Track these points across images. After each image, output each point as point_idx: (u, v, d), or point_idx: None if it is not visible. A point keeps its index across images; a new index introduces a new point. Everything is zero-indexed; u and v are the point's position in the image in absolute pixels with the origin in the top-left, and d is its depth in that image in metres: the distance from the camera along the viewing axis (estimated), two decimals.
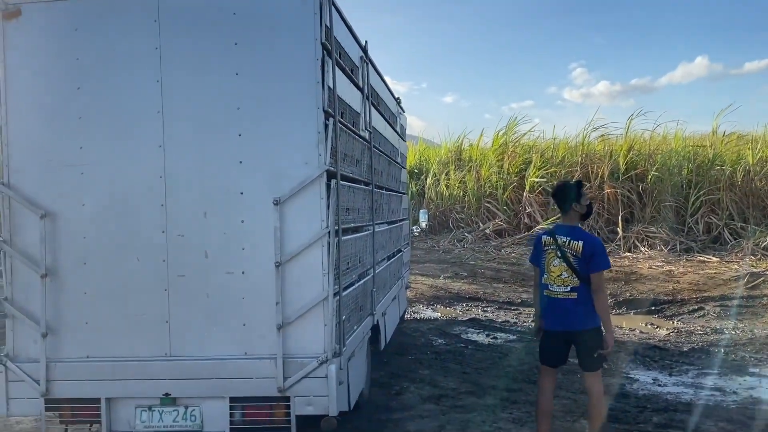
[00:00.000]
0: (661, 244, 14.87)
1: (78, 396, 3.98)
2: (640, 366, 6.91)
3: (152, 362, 3.96)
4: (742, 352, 7.29)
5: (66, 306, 4.00)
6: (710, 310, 9.48)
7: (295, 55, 3.87)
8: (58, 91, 4.01)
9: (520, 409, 5.50)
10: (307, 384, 3.85)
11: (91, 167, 3.99)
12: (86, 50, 3.99)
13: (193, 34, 3.94)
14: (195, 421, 3.95)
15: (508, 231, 17.48)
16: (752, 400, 5.69)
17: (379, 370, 6.74)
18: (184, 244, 3.96)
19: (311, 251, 3.88)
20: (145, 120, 3.97)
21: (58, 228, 3.99)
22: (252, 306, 3.92)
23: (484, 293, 11.35)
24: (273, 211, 3.85)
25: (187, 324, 3.96)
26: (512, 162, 18.75)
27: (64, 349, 4.00)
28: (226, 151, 3.94)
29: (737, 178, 15.79)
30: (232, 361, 3.92)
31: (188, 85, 3.95)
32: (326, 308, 3.86)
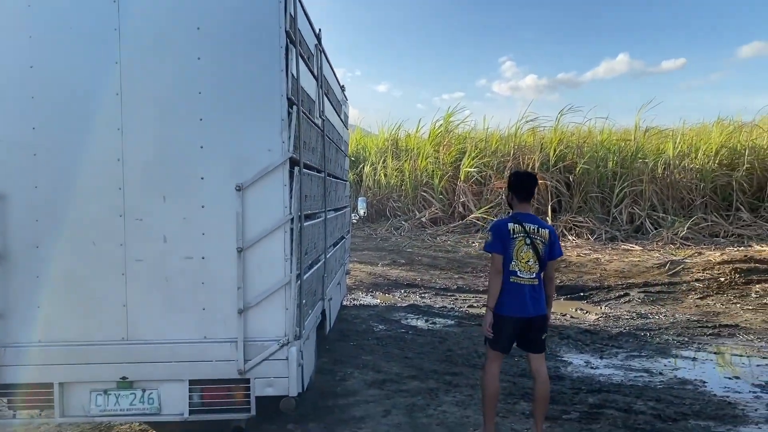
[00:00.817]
0: (588, 233, 15.49)
1: (29, 381, 3.90)
2: (573, 349, 7.20)
3: (109, 346, 3.91)
4: (666, 336, 7.71)
5: (16, 290, 3.91)
6: (635, 296, 9.95)
7: (260, 41, 3.85)
8: (9, 69, 3.87)
9: (462, 392, 5.63)
10: (267, 366, 3.91)
11: (45, 149, 3.88)
12: (40, 28, 3.86)
13: (154, 16, 3.86)
14: (153, 404, 3.95)
15: (443, 219, 17.77)
16: (677, 380, 6.04)
17: (322, 356, 6.74)
18: (142, 229, 3.91)
19: (274, 237, 3.90)
20: (103, 102, 3.86)
21: (8, 210, 3.89)
22: (211, 291, 3.92)
23: (421, 280, 11.51)
24: (235, 196, 3.84)
25: (145, 308, 3.93)
26: (447, 152, 19.03)
27: (14, 334, 3.91)
28: (187, 136, 3.89)
29: (658, 170, 16.61)
30: (191, 344, 3.92)
31: (148, 67, 3.87)
32: (288, 292, 3.92)
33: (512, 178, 4.60)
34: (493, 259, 4.38)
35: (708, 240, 14.28)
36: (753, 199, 16.14)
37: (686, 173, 16.51)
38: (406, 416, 5.05)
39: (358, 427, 4.86)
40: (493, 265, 4.39)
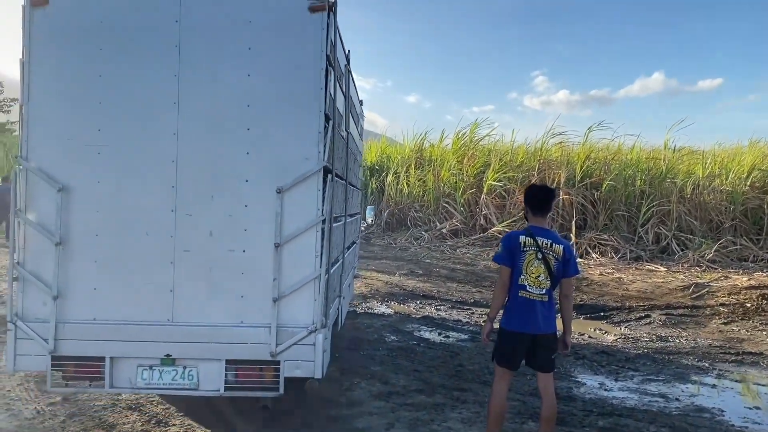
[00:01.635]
0: (612, 252, 15.20)
1: (83, 354, 4.30)
2: (588, 370, 7.02)
3: (155, 326, 4.33)
4: (685, 360, 7.47)
5: (76, 272, 4.32)
6: (656, 318, 9.70)
7: (304, 63, 4.33)
8: (81, 77, 4.32)
9: (469, 408, 5.51)
10: (296, 350, 4.34)
11: (108, 148, 4.33)
12: (109, 41, 4.32)
13: (211, 36, 4.34)
14: (192, 380, 4.37)
15: (464, 231, 17.62)
16: (694, 408, 5.84)
17: (330, 365, 6.67)
18: (191, 223, 4.35)
19: (307, 235, 4.36)
20: (162, 109, 4.34)
21: (73, 201, 4.31)
22: (250, 280, 4.35)
23: (438, 292, 11.38)
24: (275, 198, 4.31)
25: (189, 293, 4.35)
26: (471, 164, 18.90)
27: (72, 312, 4.31)
28: (235, 143, 4.35)
29: (687, 191, 16.25)
30: (229, 328, 4.34)
31: (204, 81, 4.34)
32: (317, 285, 4.37)
33: (527, 192, 4.50)
34: (500, 270, 4.30)
35: (736, 264, 13.89)
36: None
37: (716, 195, 16.13)
38: (409, 431, 4.95)
39: None
40: (500, 276, 4.31)
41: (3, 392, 5.53)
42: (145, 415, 5.15)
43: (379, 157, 23.17)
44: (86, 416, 5.07)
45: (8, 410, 5.13)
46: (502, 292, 4.30)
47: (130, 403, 5.37)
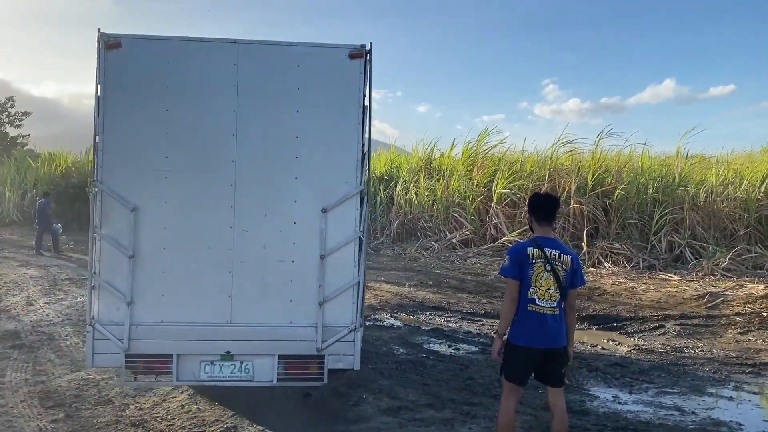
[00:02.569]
0: (624, 261, 14.98)
1: (153, 352, 4.94)
2: (601, 383, 6.87)
3: (217, 327, 5.00)
4: (701, 372, 7.30)
5: (146, 281, 4.95)
6: (670, 328, 9.51)
7: (345, 101, 5.08)
8: (149, 111, 4.96)
9: (479, 423, 5.39)
10: (338, 346, 5.08)
11: (174, 173, 4.97)
12: (175, 80, 4.97)
13: (264, 76, 5.05)
14: (248, 373, 5.06)
15: (474, 241, 17.47)
16: (710, 421, 5.68)
17: (337, 378, 6.56)
18: (247, 238, 5.04)
19: (347, 248, 5.10)
20: (222, 140, 5.01)
21: (141, 220, 4.93)
22: (298, 287, 5.07)
23: (448, 303, 11.25)
24: (320, 216, 5.06)
25: (246, 298, 5.04)
26: (481, 173, 18.77)
27: (143, 315, 4.95)
28: (285, 169, 5.07)
29: (700, 198, 16.02)
30: (280, 327, 5.05)
31: (258, 116, 5.04)
32: (355, 291, 5.11)
33: (532, 201, 4.40)
34: (508, 284, 4.18)
35: (751, 272, 13.63)
36: None
37: (729, 202, 15.88)
38: None
39: None
40: (508, 290, 4.19)
41: (5, 409, 5.48)
42: (148, 431, 5.07)
43: (389, 167, 23.10)
44: None
45: (10, 427, 5.08)
46: (511, 306, 4.18)
47: (133, 420, 5.31)
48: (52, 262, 15.56)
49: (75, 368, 6.80)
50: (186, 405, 5.71)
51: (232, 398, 5.93)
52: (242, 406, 5.72)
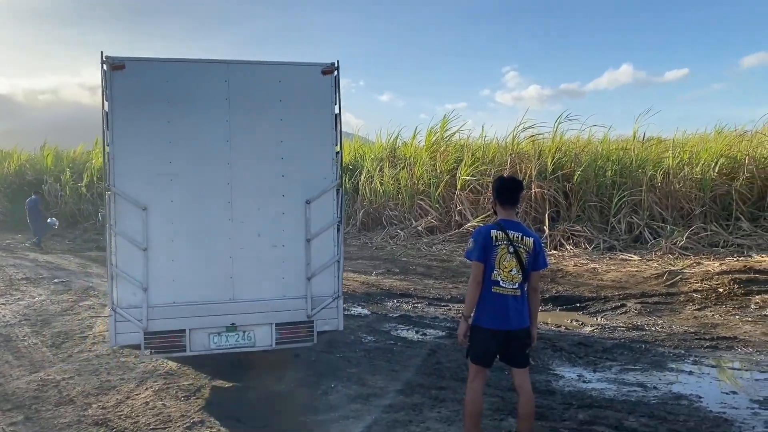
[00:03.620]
0: (585, 243, 15.25)
1: (168, 329, 5.61)
2: (566, 362, 6.98)
3: (221, 304, 5.74)
4: (662, 348, 7.48)
5: (158, 269, 5.62)
6: (632, 307, 9.72)
7: (321, 109, 5.95)
8: (153, 123, 5.60)
9: (448, 407, 5.43)
10: (324, 312, 5.96)
11: (178, 176, 5.66)
12: (174, 96, 5.65)
13: (252, 90, 5.81)
14: (251, 340, 5.83)
15: (439, 228, 17.56)
16: (672, 395, 5.83)
17: (306, 369, 6.54)
18: (243, 228, 5.82)
19: (328, 232, 6.00)
20: (218, 145, 5.74)
21: (151, 217, 5.59)
22: (289, 266, 5.91)
23: (415, 289, 11.30)
24: (305, 207, 5.92)
25: (245, 278, 5.81)
26: (444, 160, 18.85)
27: (157, 298, 5.60)
28: (273, 168, 5.87)
29: (657, 180, 16.38)
30: (275, 300, 5.88)
31: (248, 124, 5.80)
32: (336, 267, 6.04)
33: (496, 184, 4.42)
34: (472, 267, 4.19)
35: (707, 250, 14.02)
36: (753, 208, 15.87)
37: (686, 182, 16.27)
38: None
39: None
40: (473, 273, 4.20)
41: None
42: (111, 429, 4.99)
43: (353, 157, 23.02)
44: None
45: None
46: (476, 289, 4.20)
47: (96, 419, 5.20)
48: (8, 262, 15.12)
49: (34, 369, 6.62)
50: (151, 402, 5.62)
51: (199, 392, 5.86)
52: (209, 401, 5.65)
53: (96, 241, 19.53)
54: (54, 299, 10.52)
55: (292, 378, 6.25)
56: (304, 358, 6.92)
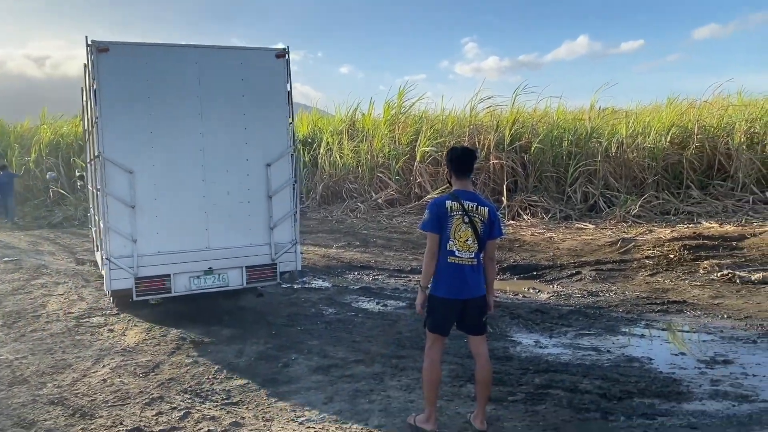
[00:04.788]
0: (542, 212, 15.52)
1: (155, 274, 6.66)
2: (523, 329, 7.13)
3: (199, 251, 6.86)
4: (615, 313, 7.71)
5: (144, 224, 6.61)
6: (587, 274, 9.96)
7: (275, 88, 7.15)
8: (136, 98, 6.51)
9: (408, 375, 5.50)
10: (285, 255, 7.28)
11: (159, 145, 6.65)
12: (153, 76, 6.59)
13: (218, 71, 6.91)
14: (225, 281, 7.02)
15: (399, 201, 17.61)
16: (624, 358, 6.02)
17: (266, 342, 6.53)
18: (215, 188, 6.92)
19: (285, 190, 7.26)
20: (192, 118, 6.79)
21: (137, 179, 6.55)
22: (254, 219, 7.11)
23: (375, 261, 11.34)
24: (266, 169, 7.12)
25: (218, 230, 6.94)
26: (403, 132, 18.83)
27: (144, 248, 6.61)
28: (238, 137, 7.01)
29: (612, 150, 16.71)
30: (244, 247, 7.06)
31: (216, 100, 6.89)
32: (293, 218, 7.34)
33: (450, 154, 4.41)
34: (428, 238, 4.21)
35: (659, 218, 14.44)
36: (702, 177, 16.38)
37: (639, 152, 16.64)
38: (348, 403, 4.89)
39: (296, 416, 4.67)
40: (428, 244, 4.22)
41: None
42: (68, 408, 4.90)
43: (311, 130, 22.78)
44: (3, 415, 4.76)
45: None
46: (432, 260, 4.22)
47: (52, 398, 5.10)
48: None
49: None
50: (108, 379, 5.53)
51: (158, 369, 5.80)
52: (168, 377, 5.60)
53: (46, 218, 18.96)
54: (4, 278, 10.21)
55: (252, 352, 6.23)
56: (264, 333, 6.91)
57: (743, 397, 4.98)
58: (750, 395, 5.03)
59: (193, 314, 7.75)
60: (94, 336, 6.94)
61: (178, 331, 7.03)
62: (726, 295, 8.38)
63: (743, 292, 8.46)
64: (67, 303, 8.49)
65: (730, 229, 12.12)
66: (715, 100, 18.72)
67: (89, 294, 8.99)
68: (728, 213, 14.44)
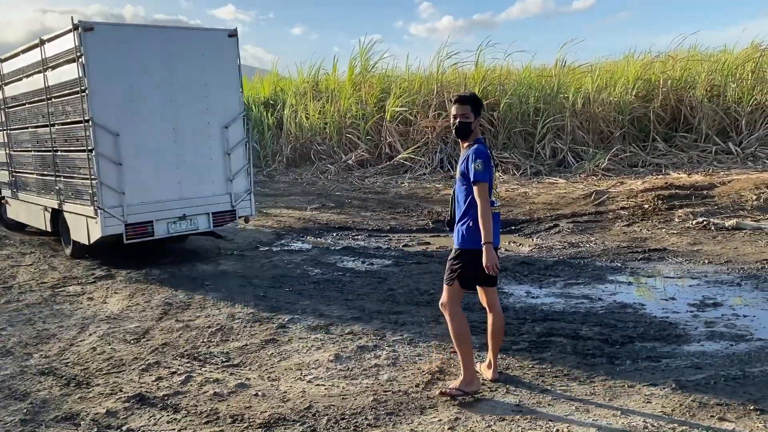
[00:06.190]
0: (513, 169, 15.58)
1: (140, 221, 7.69)
2: (513, 281, 7.15)
3: (174, 201, 7.96)
4: (599, 262, 7.80)
5: (130, 179, 7.57)
6: (564, 226, 10.04)
7: (229, 65, 8.35)
8: (119, 70, 7.46)
9: (409, 330, 5.44)
10: (242, 203, 8.55)
11: (137, 110, 7.63)
12: (130, 52, 7.54)
13: (183, 48, 7.98)
14: (195, 225, 8.19)
15: (370, 161, 17.41)
16: (617, 305, 6.09)
17: (256, 305, 6.38)
18: (184, 147, 8.02)
19: (239, 146, 8.51)
20: (163, 88, 7.82)
21: (123, 141, 7.51)
22: (216, 172, 8.30)
23: (353, 222, 11.20)
24: (224, 130, 8.32)
25: (188, 182, 8.06)
26: (370, 92, 18.52)
27: (130, 199, 7.59)
28: (201, 104, 8.12)
29: (578, 105, 16.80)
30: (209, 197, 8.24)
31: (182, 73, 7.95)
32: (247, 171, 8.62)
33: (479, 100, 4.22)
34: (482, 188, 3.92)
35: (627, 170, 14.65)
36: (668, 129, 16.66)
37: (605, 106, 16.78)
38: (354, 359, 4.81)
39: (303, 374, 4.57)
40: (483, 195, 3.91)
41: None
42: (60, 378, 4.69)
43: (273, 92, 22.25)
44: None
45: None
46: (490, 211, 3.93)
47: (41, 369, 4.87)
48: None
49: None
50: (98, 347, 5.31)
51: (148, 334, 5.60)
52: (160, 342, 5.41)
53: None
54: None
55: (244, 314, 6.08)
56: (252, 295, 6.75)
57: (739, 337, 5.09)
58: (745, 335, 5.14)
59: (174, 280, 7.53)
60: (74, 305, 6.66)
61: (161, 297, 6.82)
62: (703, 241, 8.56)
63: (719, 239, 8.66)
64: (38, 273, 8.14)
65: (699, 179, 12.37)
66: (676, 54, 18.93)
67: (60, 263, 8.64)
68: (693, 164, 14.76)
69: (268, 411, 3.98)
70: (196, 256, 8.91)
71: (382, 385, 4.34)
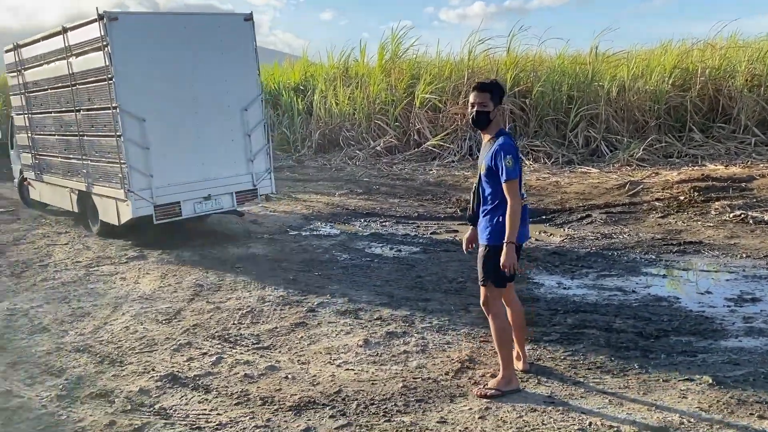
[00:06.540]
0: (545, 157, 15.35)
1: (168, 201, 7.95)
2: (544, 271, 7.06)
3: (200, 182, 8.22)
4: (633, 254, 7.65)
5: (158, 162, 7.84)
6: (597, 217, 9.87)
7: (247, 48, 8.55)
8: (145, 59, 7.70)
9: (438, 317, 5.41)
10: (263, 182, 8.82)
11: (162, 96, 7.86)
12: (155, 39, 7.79)
13: (205, 33, 8.23)
14: (220, 205, 8.49)
15: (398, 148, 17.32)
16: (652, 298, 5.96)
17: (286, 288, 6.40)
18: (207, 129, 8.25)
19: (259, 127, 8.78)
20: (186, 72, 8.09)
21: (149, 126, 7.76)
22: (237, 153, 8.58)
23: (381, 209, 11.17)
24: (243, 112, 8.54)
25: (212, 163, 8.32)
26: (400, 78, 18.39)
27: (158, 182, 7.85)
28: (221, 87, 8.33)
29: (613, 93, 16.46)
30: (232, 177, 8.52)
31: (204, 57, 8.18)
32: (266, 150, 8.89)
33: (502, 87, 4.07)
34: (512, 186, 3.80)
35: (662, 161, 14.33)
36: (704, 119, 16.23)
37: (640, 95, 16.40)
38: (383, 345, 4.80)
39: (332, 358, 4.58)
40: (514, 191, 3.80)
41: None
42: (95, 356, 4.77)
43: (303, 77, 22.25)
44: (30, 363, 4.63)
45: None
46: (520, 209, 3.81)
47: (77, 346, 4.97)
48: None
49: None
50: (131, 326, 5.40)
51: (180, 315, 5.66)
52: (192, 323, 5.47)
53: None
54: (3, 228, 9.95)
55: (274, 297, 6.11)
56: (282, 279, 6.78)
57: None
58: None
59: (205, 262, 7.60)
60: (107, 284, 6.77)
61: (192, 278, 6.89)
62: (741, 235, 8.33)
63: (758, 232, 8.42)
64: (73, 252, 8.30)
65: (737, 171, 12.05)
66: (715, 42, 18.41)
67: (94, 243, 8.79)
68: (731, 155, 14.36)
69: (298, 394, 4.00)
70: (226, 238, 8.98)
71: (412, 372, 4.32)
